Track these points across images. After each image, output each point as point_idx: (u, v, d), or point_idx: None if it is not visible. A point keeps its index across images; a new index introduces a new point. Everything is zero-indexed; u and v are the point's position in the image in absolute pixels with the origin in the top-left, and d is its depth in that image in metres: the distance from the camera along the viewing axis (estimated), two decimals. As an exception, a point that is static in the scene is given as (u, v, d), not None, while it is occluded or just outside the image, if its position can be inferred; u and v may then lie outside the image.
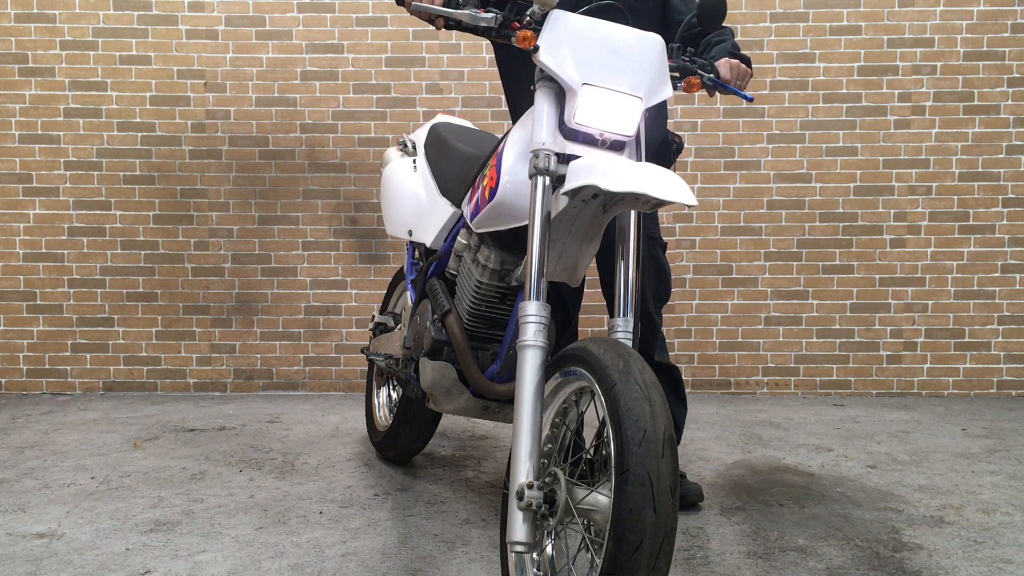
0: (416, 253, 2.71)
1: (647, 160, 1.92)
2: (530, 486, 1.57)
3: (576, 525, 1.66)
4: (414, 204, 2.59)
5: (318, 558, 2.10)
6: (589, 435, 2.06)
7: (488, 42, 3.51)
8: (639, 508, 1.39)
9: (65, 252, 4.11)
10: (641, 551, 1.38)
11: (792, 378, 4.14)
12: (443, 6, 1.93)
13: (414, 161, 2.71)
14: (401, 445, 2.84)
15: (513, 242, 2.07)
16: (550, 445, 1.78)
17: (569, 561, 1.76)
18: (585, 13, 1.89)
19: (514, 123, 2.14)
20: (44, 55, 4.06)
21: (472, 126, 2.79)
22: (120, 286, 4.13)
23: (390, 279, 3.64)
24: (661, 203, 1.66)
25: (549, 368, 1.72)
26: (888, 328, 4.12)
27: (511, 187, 1.94)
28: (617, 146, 1.84)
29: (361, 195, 4.11)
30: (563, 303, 2.52)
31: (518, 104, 2.47)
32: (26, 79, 4.07)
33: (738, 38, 3.90)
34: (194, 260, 4.12)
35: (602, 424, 1.57)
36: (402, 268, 2.91)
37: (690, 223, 4.10)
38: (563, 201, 1.74)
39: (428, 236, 2.46)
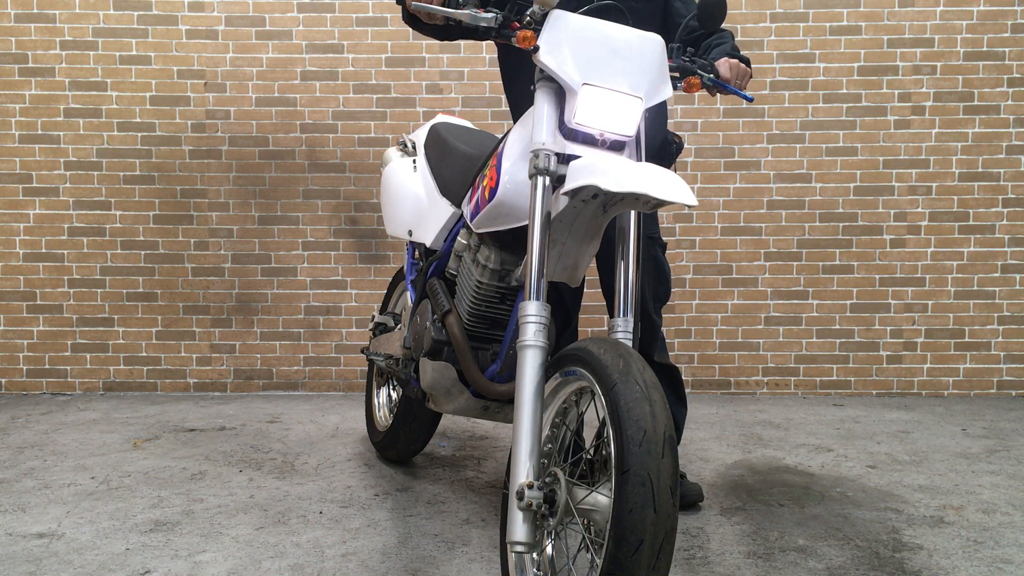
0: (416, 253, 2.71)
1: (647, 160, 1.92)
2: (530, 486, 1.57)
3: (576, 525, 1.66)
4: (414, 204, 2.59)
5: (318, 558, 2.10)
6: (589, 435, 2.06)
7: (488, 42, 3.51)
8: (639, 508, 1.39)
9: (65, 252, 4.11)
10: (641, 551, 1.38)
11: (792, 378, 4.14)
12: (443, 6, 1.93)
13: (414, 161, 2.71)
14: (401, 445, 2.84)
15: (513, 242, 2.07)
16: (550, 445, 1.78)
17: (569, 561, 1.76)
18: (585, 13, 1.89)
19: (514, 123, 2.14)
20: (44, 55, 4.06)
21: (472, 126, 2.79)
22: (120, 286, 4.13)
23: (390, 279, 3.64)
24: (661, 203, 1.66)
25: (549, 368, 1.72)
26: (888, 328, 4.12)
27: (511, 187, 1.94)
28: (617, 146, 1.84)
29: (361, 195, 4.11)
30: (563, 303, 2.51)
31: (518, 104, 2.47)
32: (26, 79, 4.07)
33: (738, 38, 3.91)
34: (194, 260, 4.12)
35: (602, 424, 1.57)
36: (402, 268, 2.91)
37: (690, 223, 4.10)
38: (563, 201, 1.74)
39: (428, 236, 2.46)
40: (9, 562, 2.07)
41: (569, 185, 1.68)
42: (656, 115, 2.26)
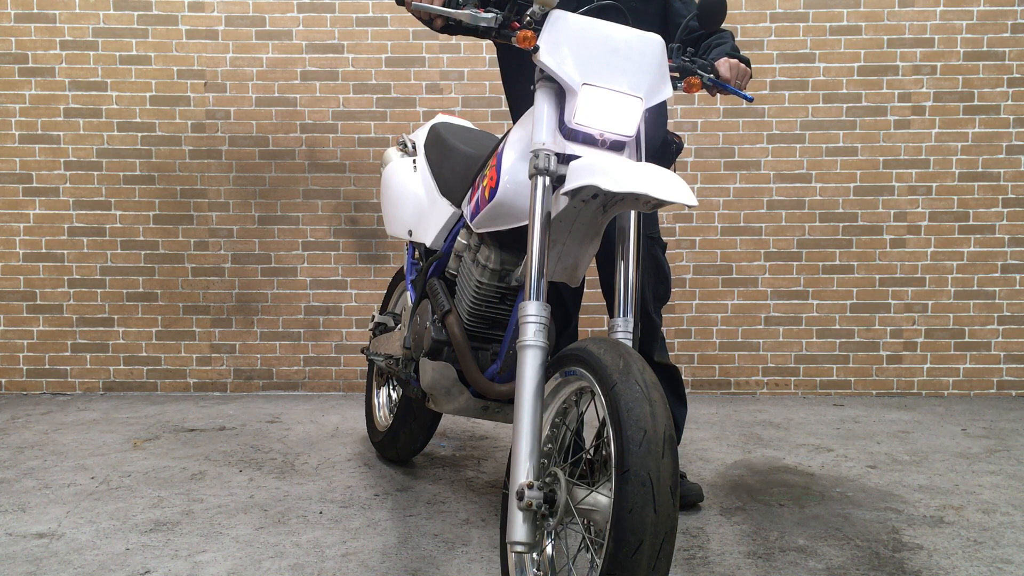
0: (416, 253, 2.71)
1: (647, 160, 1.92)
2: (530, 486, 1.57)
3: (576, 525, 1.66)
4: (414, 204, 2.59)
5: (318, 558, 2.10)
6: (589, 435, 2.06)
7: (488, 42, 3.51)
8: (639, 508, 1.39)
9: (65, 252, 4.11)
10: (641, 551, 1.38)
11: (792, 378, 4.14)
12: (443, 6, 1.93)
13: (414, 161, 2.71)
14: (401, 445, 2.84)
15: (513, 242, 2.07)
16: (550, 445, 1.78)
17: (569, 561, 1.76)
18: (585, 13, 1.89)
19: (514, 123, 2.14)
20: (44, 55, 4.06)
21: (472, 126, 2.79)
22: (120, 286, 4.13)
23: (390, 279, 3.64)
24: (661, 203, 1.66)
25: (549, 368, 1.72)
26: (888, 328, 4.12)
27: (511, 187, 1.94)
28: (617, 146, 1.84)
29: (361, 195, 4.11)
30: (563, 303, 2.52)
31: (518, 104, 2.47)
32: (26, 79, 4.07)
33: (738, 38, 3.91)
34: (194, 260, 4.12)
35: (602, 424, 1.57)
36: (402, 268, 2.92)
37: (690, 223, 4.10)
38: (563, 201, 1.74)
39: (428, 236, 2.46)
40: (9, 562, 2.07)
41: (569, 185, 1.68)
42: (656, 115, 2.27)
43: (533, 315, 1.71)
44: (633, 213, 1.84)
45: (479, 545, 2.19)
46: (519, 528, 1.58)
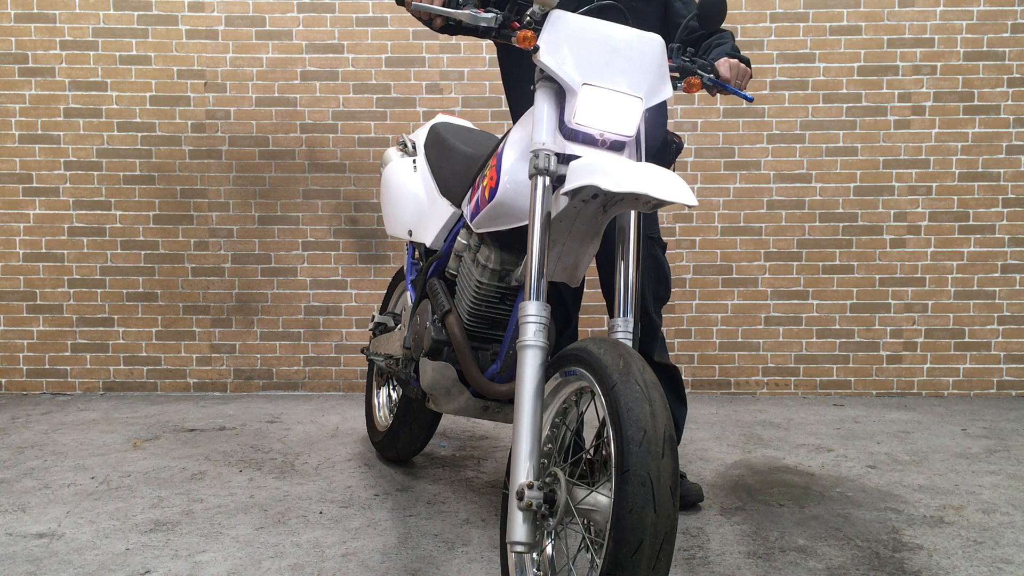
0: (416, 253, 2.71)
1: (647, 160, 1.92)
2: (530, 486, 1.57)
3: (576, 525, 1.66)
4: (414, 204, 2.59)
5: (318, 558, 2.10)
6: (589, 435, 2.06)
7: (488, 42, 3.52)
8: (639, 508, 1.39)
9: (65, 252, 4.11)
10: (641, 551, 1.38)
11: (792, 378, 4.14)
12: (443, 6, 1.93)
13: (414, 161, 2.71)
14: (401, 445, 2.84)
15: (513, 242, 2.07)
16: (550, 445, 1.78)
17: (569, 561, 1.76)
18: (585, 13, 1.90)
19: (514, 123, 2.14)
20: (44, 55, 4.06)
21: (472, 126, 2.79)
22: (120, 286, 4.13)
23: (390, 279, 3.64)
24: (661, 203, 1.66)
25: (549, 368, 1.72)
26: (888, 328, 4.12)
27: (511, 187, 1.94)
28: (617, 146, 1.84)
29: (361, 195, 4.11)
30: (563, 303, 2.52)
31: (518, 104, 2.47)
32: (26, 79, 4.07)
33: (738, 38, 3.91)
34: (194, 260, 4.12)
35: (602, 424, 1.57)
36: (402, 268, 2.92)
37: (690, 223, 4.10)
38: (563, 201, 1.74)
39: (428, 236, 2.47)
40: (9, 562, 2.07)
41: (569, 185, 1.68)
42: (656, 115, 2.27)
43: (533, 315, 1.71)
44: (633, 213, 1.84)
45: (479, 545, 2.19)
46: (519, 528, 1.58)
